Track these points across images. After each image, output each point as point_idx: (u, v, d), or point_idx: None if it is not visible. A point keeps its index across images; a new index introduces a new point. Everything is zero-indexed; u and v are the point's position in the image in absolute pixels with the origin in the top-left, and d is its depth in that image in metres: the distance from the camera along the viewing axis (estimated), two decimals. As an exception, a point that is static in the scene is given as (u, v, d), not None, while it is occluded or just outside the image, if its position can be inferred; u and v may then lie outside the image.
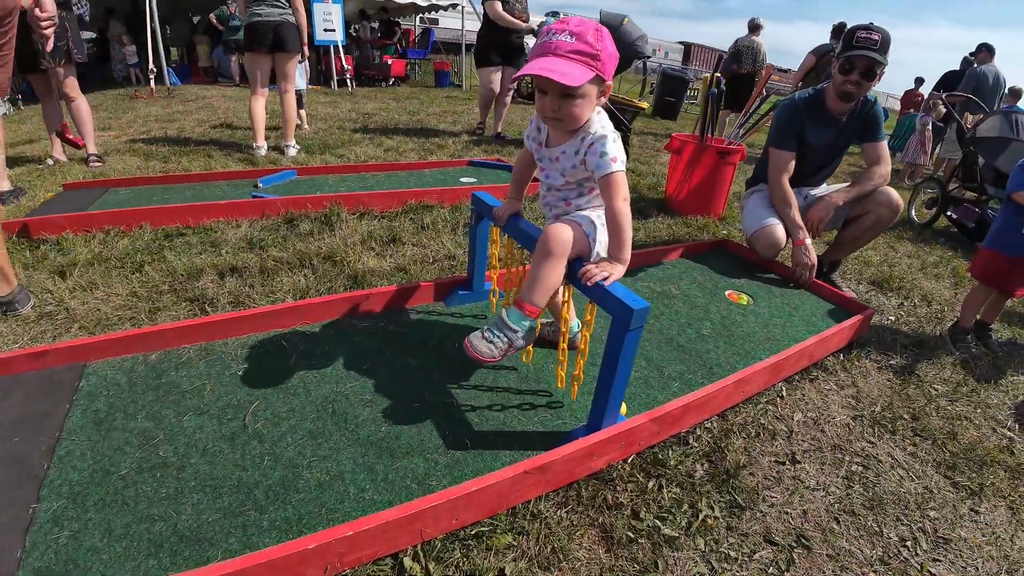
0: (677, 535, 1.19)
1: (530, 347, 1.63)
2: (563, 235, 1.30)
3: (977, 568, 1.32)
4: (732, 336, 2.03)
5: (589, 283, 1.25)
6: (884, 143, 2.52)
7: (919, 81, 9.96)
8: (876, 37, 2.29)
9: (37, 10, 2.76)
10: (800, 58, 6.25)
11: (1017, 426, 1.88)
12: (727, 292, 2.39)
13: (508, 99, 5.74)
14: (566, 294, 1.35)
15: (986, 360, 2.25)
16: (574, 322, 1.69)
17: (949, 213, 4.25)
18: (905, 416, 1.82)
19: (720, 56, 6.64)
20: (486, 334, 1.28)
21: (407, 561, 1.04)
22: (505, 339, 1.27)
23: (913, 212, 4.62)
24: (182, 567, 0.98)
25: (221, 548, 1.02)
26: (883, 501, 1.45)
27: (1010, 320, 2.72)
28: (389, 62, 11.75)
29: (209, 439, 1.29)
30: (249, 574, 0.87)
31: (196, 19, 12.16)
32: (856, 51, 2.29)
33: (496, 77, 5.42)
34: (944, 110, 6.30)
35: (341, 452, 1.28)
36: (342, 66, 9.43)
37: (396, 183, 3.61)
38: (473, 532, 1.12)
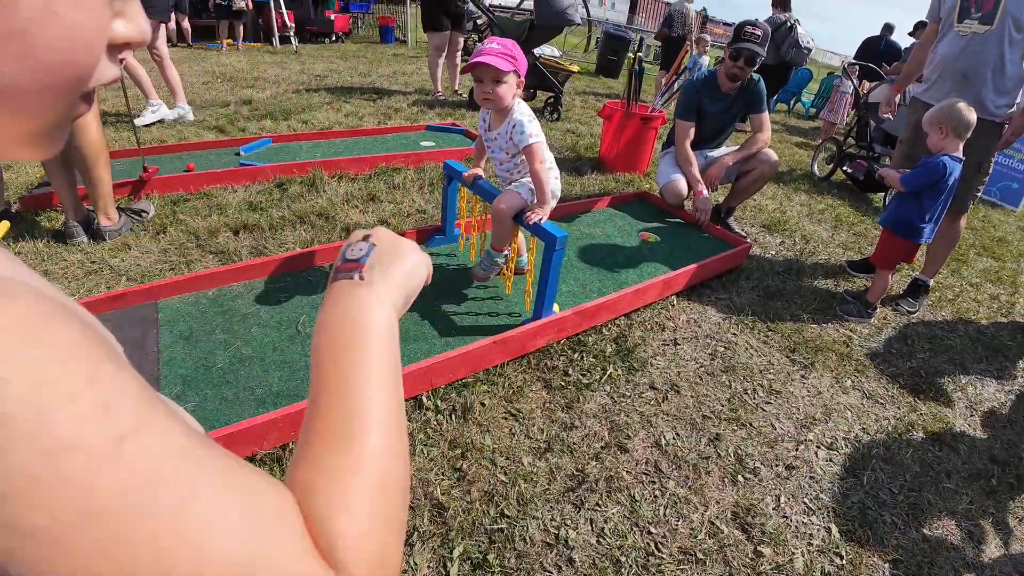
0: (591, 383, 1.86)
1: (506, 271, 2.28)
2: (506, 210, 1.97)
3: (799, 410, 1.96)
4: (640, 264, 2.70)
5: (528, 223, 1.88)
6: (766, 114, 3.20)
7: (888, 28, 7.97)
8: (759, 32, 2.92)
9: None
10: (741, 15, 6.77)
11: (860, 328, 2.57)
12: (640, 233, 3.06)
13: (458, 59, 6.14)
14: (517, 234, 1.97)
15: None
16: (523, 257, 2.32)
17: (845, 168, 4.83)
18: (764, 319, 2.53)
19: (667, 11, 7.14)
20: (483, 264, 2.12)
21: (424, 400, 1.66)
22: (492, 266, 2.06)
23: (815, 167, 5.27)
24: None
25: (303, 397, 1.60)
26: (735, 368, 2.14)
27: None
28: (332, 17, 11.58)
29: (274, 341, 1.85)
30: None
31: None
32: (742, 43, 2.92)
33: (444, 42, 5.78)
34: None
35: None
36: (284, 22, 9.31)
37: (364, 148, 4.04)
38: (463, 383, 1.75)
